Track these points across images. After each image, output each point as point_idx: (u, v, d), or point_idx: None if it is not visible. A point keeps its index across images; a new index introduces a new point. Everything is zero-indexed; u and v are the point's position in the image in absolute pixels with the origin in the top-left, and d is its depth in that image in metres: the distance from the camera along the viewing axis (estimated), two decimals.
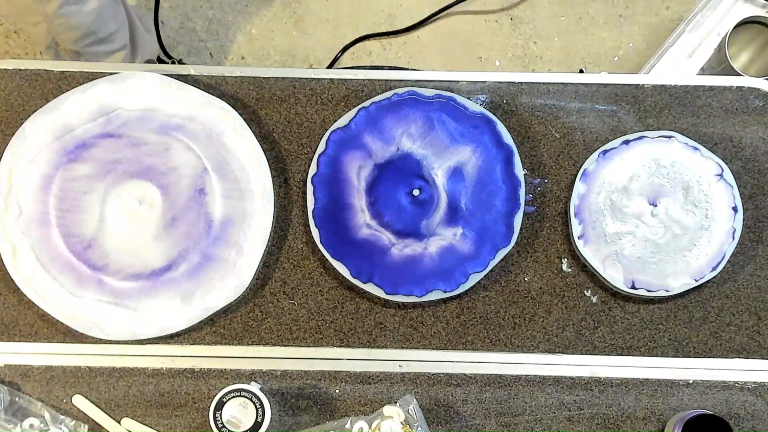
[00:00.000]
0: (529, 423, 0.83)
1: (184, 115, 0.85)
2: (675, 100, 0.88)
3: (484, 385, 0.83)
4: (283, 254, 0.85)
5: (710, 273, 0.84)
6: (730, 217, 0.84)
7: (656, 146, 0.86)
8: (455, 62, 1.71)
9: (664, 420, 0.83)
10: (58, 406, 0.83)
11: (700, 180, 0.85)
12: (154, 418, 0.83)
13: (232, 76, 0.88)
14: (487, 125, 0.85)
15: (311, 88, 0.88)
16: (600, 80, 0.88)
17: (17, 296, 0.84)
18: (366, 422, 0.80)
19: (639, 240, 0.84)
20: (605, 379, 0.83)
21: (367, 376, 0.83)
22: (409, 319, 0.85)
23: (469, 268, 0.83)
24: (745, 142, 0.87)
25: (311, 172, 0.85)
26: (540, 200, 0.87)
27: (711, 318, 0.85)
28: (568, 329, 0.85)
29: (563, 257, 0.86)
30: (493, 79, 0.88)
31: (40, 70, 0.88)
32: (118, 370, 0.83)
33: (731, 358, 0.84)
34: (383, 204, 0.84)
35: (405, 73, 0.89)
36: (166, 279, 0.82)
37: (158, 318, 0.82)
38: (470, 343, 0.84)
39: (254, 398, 0.78)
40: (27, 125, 0.84)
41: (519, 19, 1.72)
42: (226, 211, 0.83)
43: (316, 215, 0.84)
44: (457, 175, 0.85)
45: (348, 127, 0.85)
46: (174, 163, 0.83)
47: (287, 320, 0.85)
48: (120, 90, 0.85)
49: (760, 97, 0.88)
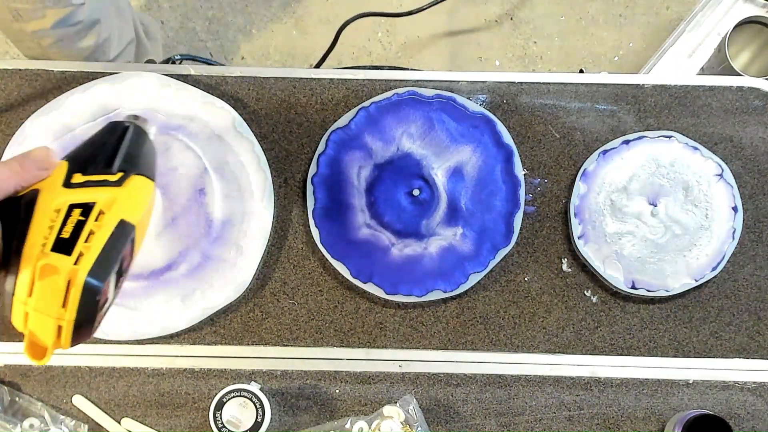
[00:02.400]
0: (529, 423, 0.83)
1: (184, 115, 0.85)
2: (675, 100, 0.88)
3: (484, 385, 0.83)
4: (283, 254, 0.85)
5: (710, 273, 0.84)
6: (730, 217, 0.84)
7: (656, 146, 0.86)
8: (455, 62, 1.71)
9: (664, 420, 0.83)
10: (58, 406, 0.83)
11: (700, 180, 0.85)
12: (154, 418, 0.83)
13: (232, 76, 0.88)
14: (487, 125, 0.85)
15: (311, 88, 0.88)
16: (600, 80, 0.88)
17: None
18: (366, 422, 0.80)
19: (639, 240, 0.84)
20: (605, 379, 0.83)
21: (367, 376, 0.83)
22: (409, 319, 0.85)
23: (469, 268, 0.83)
24: (745, 142, 0.87)
25: (311, 172, 0.85)
26: (540, 200, 0.87)
27: (711, 318, 0.85)
28: (568, 329, 0.85)
29: (563, 257, 0.86)
30: (493, 79, 0.88)
31: (40, 70, 0.88)
32: (118, 370, 0.83)
33: (731, 358, 0.84)
34: (383, 204, 0.84)
35: (405, 73, 0.89)
36: (166, 279, 0.82)
37: (158, 318, 0.82)
38: (470, 343, 0.84)
39: (254, 398, 0.78)
40: (27, 125, 0.84)
41: (519, 19, 1.72)
42: (226, 211, 0.83)
43: (316, 215, 0.84)
44: (457, 175, 0.85)
45: (348, 127, 0.85)
46: (174, 163, 0.83)
47: (287, 320, 0.85)
48: (120, 90, 0.85)
49: (760, 97, 0.88)
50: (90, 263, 0.54)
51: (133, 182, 0.61)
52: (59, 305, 0.53)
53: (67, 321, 0.54)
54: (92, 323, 0.56)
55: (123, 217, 0.58)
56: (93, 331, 0.56)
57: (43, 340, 0.54)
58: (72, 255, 0.54)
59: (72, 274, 0.53)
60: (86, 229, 0.55)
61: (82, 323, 0.54)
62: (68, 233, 0.55)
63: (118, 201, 0.58)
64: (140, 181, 0.62)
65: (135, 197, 0.60)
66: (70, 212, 0.56)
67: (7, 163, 0.57)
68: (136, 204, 0.60)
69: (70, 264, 0.53)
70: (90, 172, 0.59)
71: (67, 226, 0.55)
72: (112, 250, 0.56)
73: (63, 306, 0.53)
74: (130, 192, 0.60)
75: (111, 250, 0.56)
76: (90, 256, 0.54)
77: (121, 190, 0.59)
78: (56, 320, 0.53)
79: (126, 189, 0.59)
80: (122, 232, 0.57)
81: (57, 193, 0.57)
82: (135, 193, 0.61)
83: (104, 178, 0.59)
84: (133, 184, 0.60)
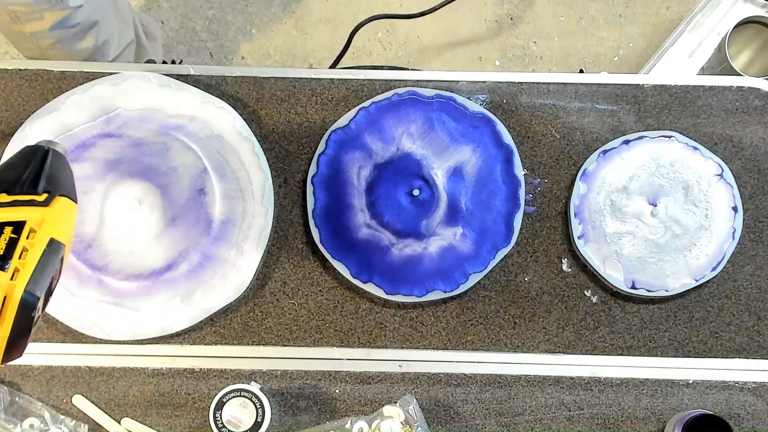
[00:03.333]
0: (529, 423, 0.83)
1: (184, 115, 0.85)
2: (675, 100, 0.88)
3: (484, 385, 0.83)
4: (283, 254, 0.85)
5: (710, 273, 0.84)
6: (730, 217, 0.84)
7: (656, 146, 0.86)
8: (455, 62, 1.71)
9: (664, 420, 0.83)
10: (58, 406, 0.83)
11: (700, 180, 0.85)
12: (154, 418, 0.83)
13: (232, 76, 0.88)
14: (487, 125, 0.85)
15: (311, 88, 0.88)
16: (600, 80, 0.88)
17: None
18: (366, 422, 0.80)
19: (639, 240, 0.84)
20: (605, 379, 0.83)
21: (367, 376, 0.83)
22: (409, 319, 0.85)
23: (469, 268, 0.83)
24: (745, 142, 0.87)
25: (311, 172, 0.85)
26: (540, 200, 0.87)
27: (711, 318, 0.85)
28: (568, 329, 0.85)
29: (563, 257, 0.86)
30: (493, 79, 0.88)
31: (40, 70, 0.88)
32: (118, 370, 0.83)
33: (731, 358, 0.84)
34: (383, 204, 0.84)
35: (405, 73, 0.89)
36: (166, 279, 0.82)
37: (158, 318, 0.82)
38: (470, 343, 0.84)
39: (254, 398, 0.78)
40: (27, 125, 0.84)
41: (519, 19, 1.72)
42: (226, 211, 0.83)
43: (316, 215, 0.84)
44: (457, 175, 0.85)
45: (348, 127, 0.85)
46: (174, 163, 0.83)
47: (287, 320, 0.85)
48: (120, 90, 0.85)
49: (760, 97, 0.88)
50: (26, 279, 0.54)
51: (60, 203, 0.61)
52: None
53: (0, 338, 0.53)
54: (26, 339, 0.55)
55: (53, 235, 0.58)
56: (24, 347, 0.56)
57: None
58: (7, 271, 0.54)
59: (9, 290, 0.53)
60: (19, 247, 0.56)
61: (16, 339, 0.54)
62: (1, 250, 0.55)
63: (47, 220, 0.58)
64: (65, 202, 0.62)
65: (62, 217, 0.61)
66: (1, 230, 0.56)
67: None
68: (64, 223, 0.61)
69: (6, 280, 0.54)
70: (17, 191, 0.60)
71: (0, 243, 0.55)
72: (45, 266, 0.56)
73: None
74: (58, 212, 0.60)
75: (44, 266, 0.56)
76: (25, 272, 0.55)
77: (49, 209, 0.59)
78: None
79: (53, 209, 0.60)
80: (53, 250, 0.58)
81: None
82: (62, 213, 0.61)
83: (32, 198, 0.59)
84: (60, 205, 0.61)
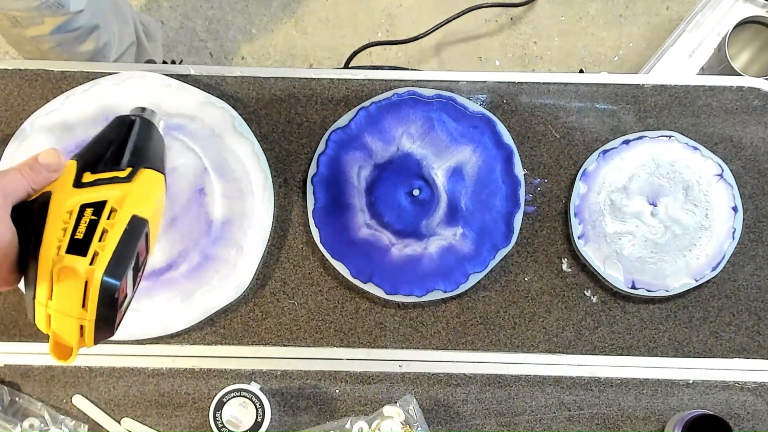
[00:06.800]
0: (529, 423, 0.83)
1: (184, 115, 0.85)
2: (675, 100, 0.88)
3: (484, 385, 0.83)
4: (283, 254, 0.85)
5: (710, 273, 0.84)
6: (730, 217, 0.84)
7: (656, 146, 0.86)
8: (455, 62, 1.71)
9: (664, 420, 0.83)
10: (58, 406, 0.83)
11: (700, 180, 0.85)
12: (154, 418, 0.83)
13: (232, 76, 0.88)
14: (487, 125, 0.85)
15: (311, 88, 0.88)
16: (600, 80, 0.88)
17: (17, 296, 0.84)
18: (366, 422, 0.80)
19: (639, 240, 0.84)
20: (605, 379, 0.83)
21: (367, 376, 0.83)
22: (409, 319, 0.85)
23: (469, 268, 0.83)
24: (745, 142, 0.87)
25: (311, 172, 0.85)
26: (540, 200, 0.87)
27: (711, 318, 0.85)
28: (568, 329, 0.85)
29: (563, 257, 0.86)
30: (493, 79, 0.88)
31: (40, 70, 0.88)
32: (118, 370, 0.83)
33: (731, 358, 0.84)
34: (383, 204, 0.84)
35: (405, 73, 0.89)
36: (166, 279, 0.82)
37: (158, 318, 0.82)
38: (470, 343, 0.84)
39: (254, 398, 0.78)
40: (27, 125, 0.84)
41: (519, 19, 1.72)
42: (226, 211, 0.83)
43: (316, 215, 0.84)
44: (457, 175, 0.85)
45: (348, 127, 0.85)
46: (174, 163, 0.83)
47: (287, 320, 0.85)
48: (120, 90, 0.85)
49: (760, 97, 0.88)
50: (105, 262, 0.54)
51: (143, 176, 0.61)
52: (79, 306, 0.54)
53: (88, 320, 0.54)
54: (114, 320, 0.56)
55: (135, 212, 0.58)
56: (116, 327, 0.57)
57: (67, 340, 0.55)
58: (87, 256, 0.54)
59: (89, 275, 0.54)
60: (99, 228, 0.56)
61: (104, 321, 0.55)
62: (82, 234, 0.55)
63: (128, 197, 0.58)
64: (150, 174, 0.62)
65: (145, 191, 0.60)
66: (82, 212, 0.56)
67: (17, 169, 0.57)
68: (147, 198, 0.60)
69: (85, 265, 0.54)
70: (99, 169, 0.60)
71: (80, 226, 0.55)
72: (127, 246, 0.56)
73: (83, 306, 0.54)
74: (141, 187, 0.60)
75: (125, 247, 0.56)
76: (105, 255, 0.55)
77: (131, 185, 0.59)
78: (78, 320, 0.54)
79: (136, 184, 0.60)
80: (135, 228, 0.57)
81: (68, 194, 0.57)
82: (145, 187, 0.61)
83: (114, 175, 0.59)
84: (143, 179, 0.61)
